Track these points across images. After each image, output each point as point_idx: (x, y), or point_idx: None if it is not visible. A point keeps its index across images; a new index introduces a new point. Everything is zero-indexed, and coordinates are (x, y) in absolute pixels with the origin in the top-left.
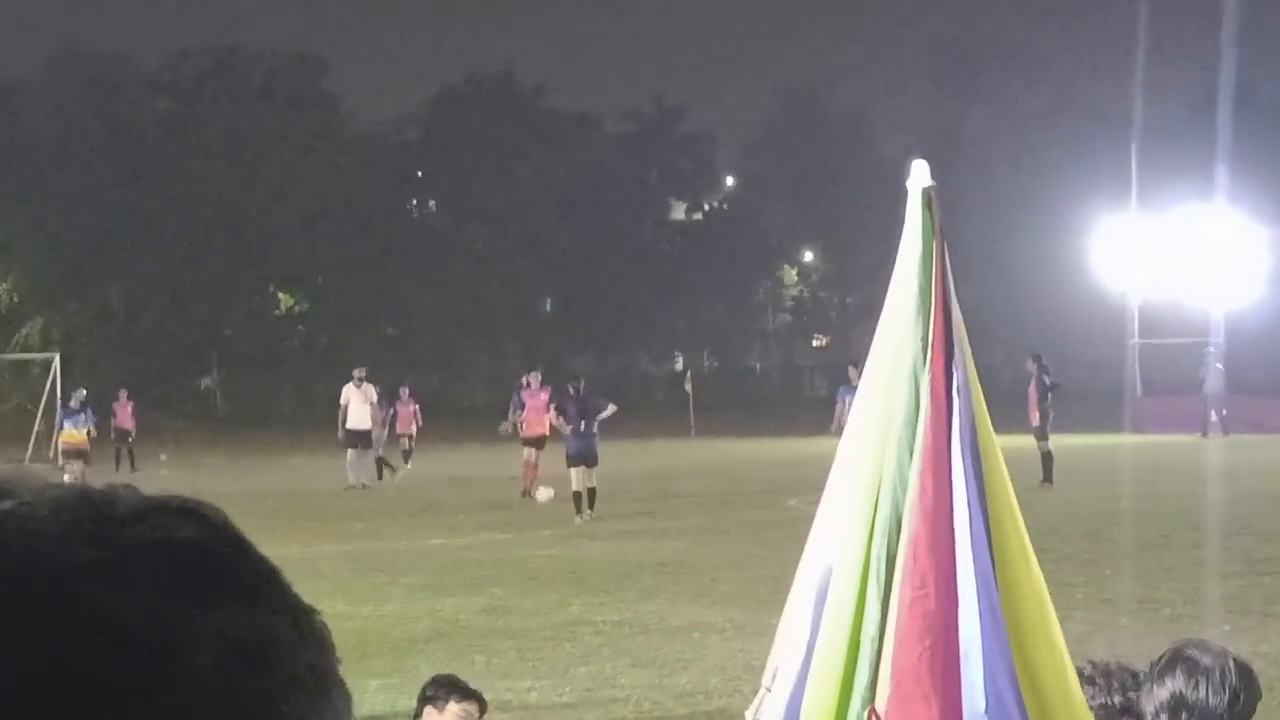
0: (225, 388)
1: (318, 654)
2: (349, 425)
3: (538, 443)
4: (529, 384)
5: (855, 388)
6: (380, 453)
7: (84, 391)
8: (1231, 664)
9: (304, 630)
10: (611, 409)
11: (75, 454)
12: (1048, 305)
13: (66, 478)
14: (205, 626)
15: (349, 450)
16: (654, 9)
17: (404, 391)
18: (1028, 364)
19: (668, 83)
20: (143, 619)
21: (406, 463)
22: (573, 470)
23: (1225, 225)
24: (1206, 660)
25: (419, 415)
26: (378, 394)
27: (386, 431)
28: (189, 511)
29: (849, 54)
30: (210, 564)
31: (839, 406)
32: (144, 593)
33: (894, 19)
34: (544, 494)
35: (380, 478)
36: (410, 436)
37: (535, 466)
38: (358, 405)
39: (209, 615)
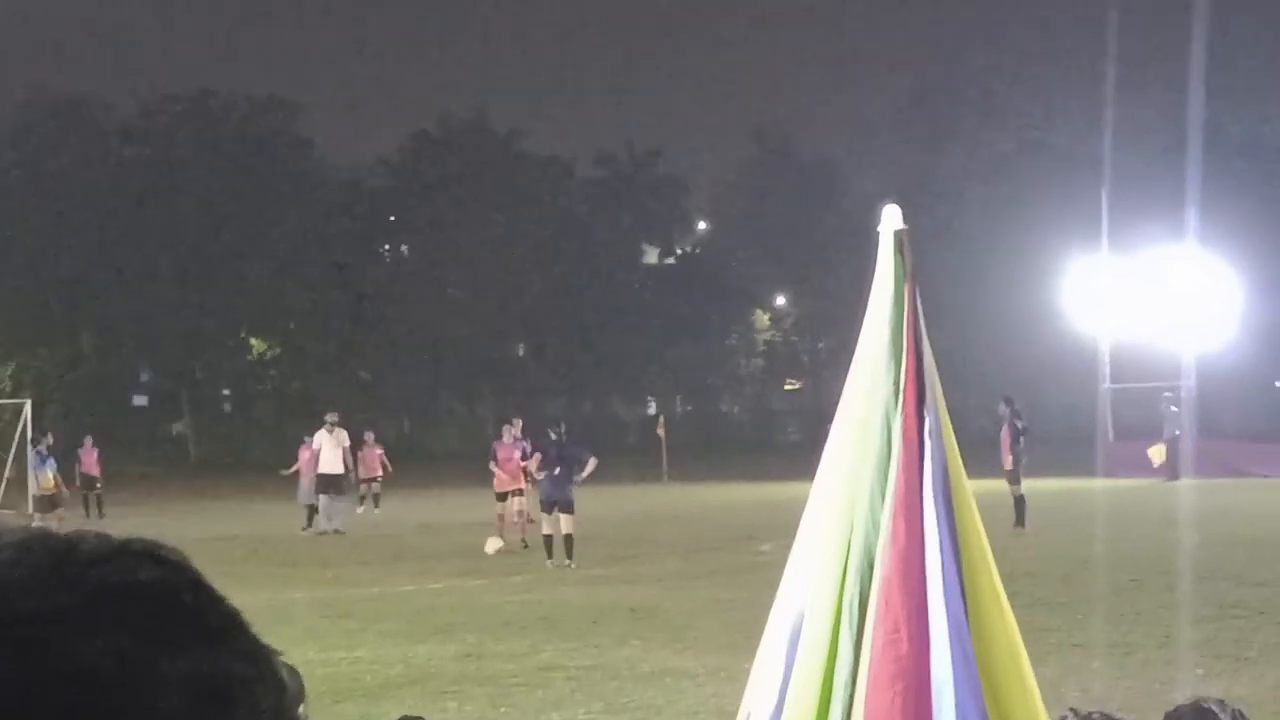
0: (197, 433)
1: (279, 696)
2: (321, 470)
3: (510, 495)
4: (503, 435)
5: None
6: (313, 500)
7: (49, 437)
8: None
9: (267, 672)
10: (593, 465)
11: (46, 501)
12: (1020, 349)
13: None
14: (172, 670)
15: (321, 496)
16: (627, 53)
17: (369, 436)
18: (999, 407)
19: (641, 127)
20: (109, 663)
21: (376, 506)
22: (545, 515)
23: (1196, 268)
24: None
25: (385, 459)
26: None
27: (354, 476)
28: (150, 554)
29: (821, 98)
30: (174, 607)
31: None
32: (109, 637)
33: (865, 63)
34: (492, 545)
35: (309, 525)
36: (376, 480)
37: (522, 513)
38: (330, 450)
39: (175, 658)
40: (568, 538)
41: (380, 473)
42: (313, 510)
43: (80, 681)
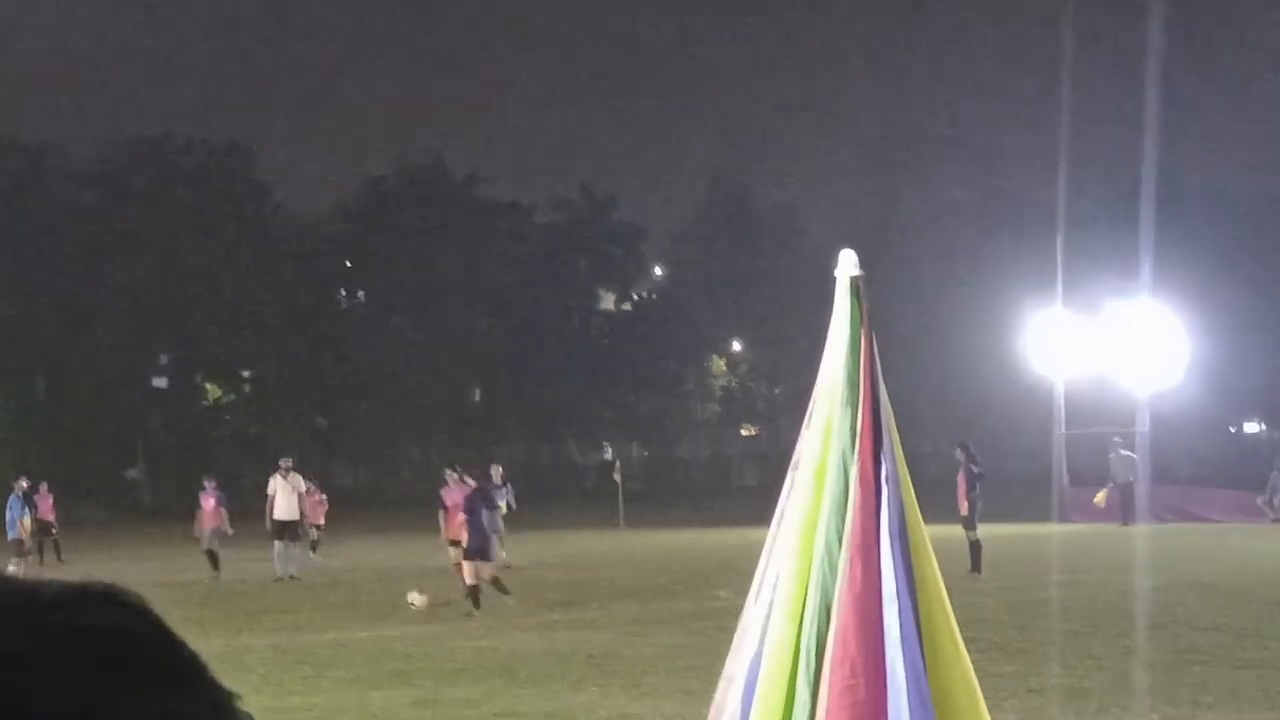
0: (151, 479)
1: None
2: (276, 516)
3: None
4: (448, 482)
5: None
6: (214, 546)
7: (24, 483)
8: None
9: (228, 716)
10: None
11: (20, 546)
12: (976, 394)
13: (11, 569)
14: (134, 714)
15: (275, 542)
16: (584, 98)
17: (311, 484)
18: (956, 453)
19: (598, 173)
20: (72, 708)
21: (314, 552)
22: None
23: (1150, 314)
24: None
25: (325, 504)
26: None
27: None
28: (110, 598)
29: (778, 145)
30: (134, 650)
31: None
32: (72, 681)
33: (822, 111)
34: (418, 600)
35: (216, 569)
36: (318, 526)
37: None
38: (285, 496)
39: (137, 702)
40: (495, 579)
41: (321, 519)
42: (213, 556)
43: None
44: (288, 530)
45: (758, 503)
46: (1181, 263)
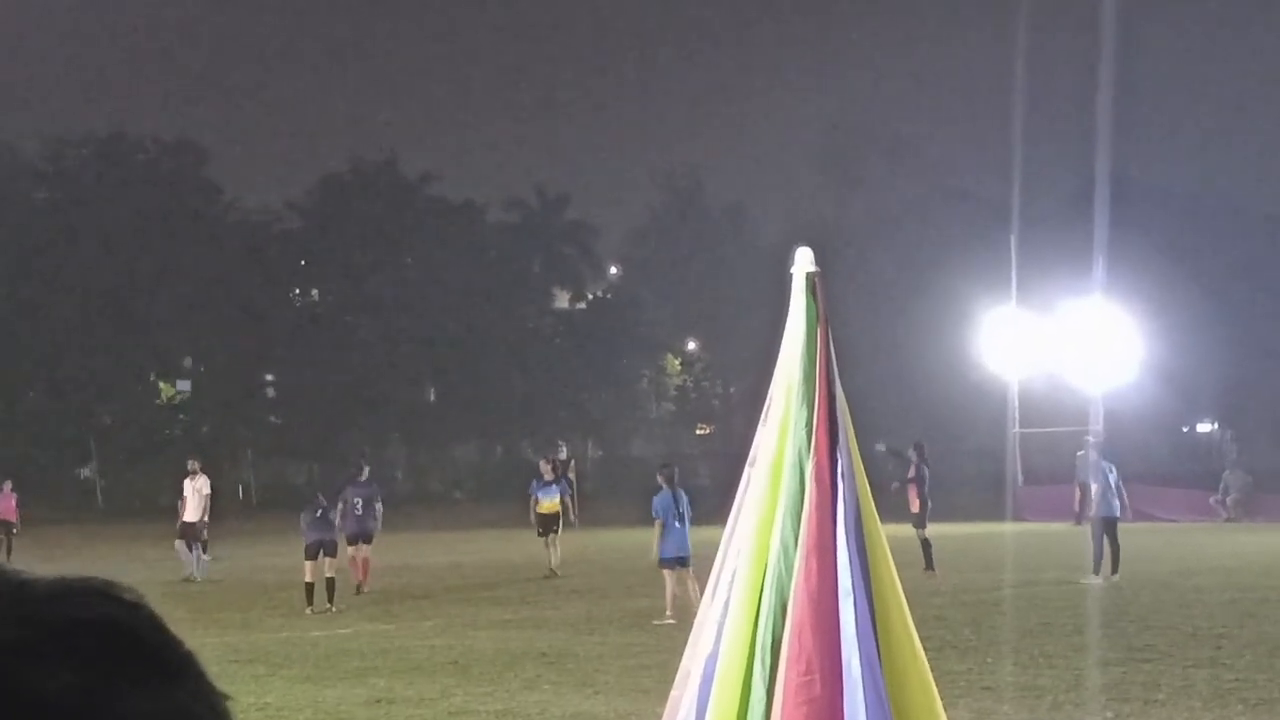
0: (105, 477)
1: None
2: (184, 518)
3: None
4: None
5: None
6: (203, 536)
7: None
8: None
9: (218, 713)
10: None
11: None
12: (930, 392)
13: None
14: (129, 707)
15: (177, 541)
16: (538, 98)
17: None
18: (909, 452)
19: (552, 172)
20: (69, 698)
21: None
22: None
23: (1103, 313)
24: None
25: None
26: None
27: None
28: (106, 592)
29: (731, 143)
30: (132, 643)
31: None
32: (68, 672)
33: (775, 109)
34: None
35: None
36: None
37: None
38: (192, 498)
39: (131, 695)
40: (330, 581)
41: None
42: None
43: (39, 715)
44: (188, 530)
45: (712, 501)
46: (1135, 263)
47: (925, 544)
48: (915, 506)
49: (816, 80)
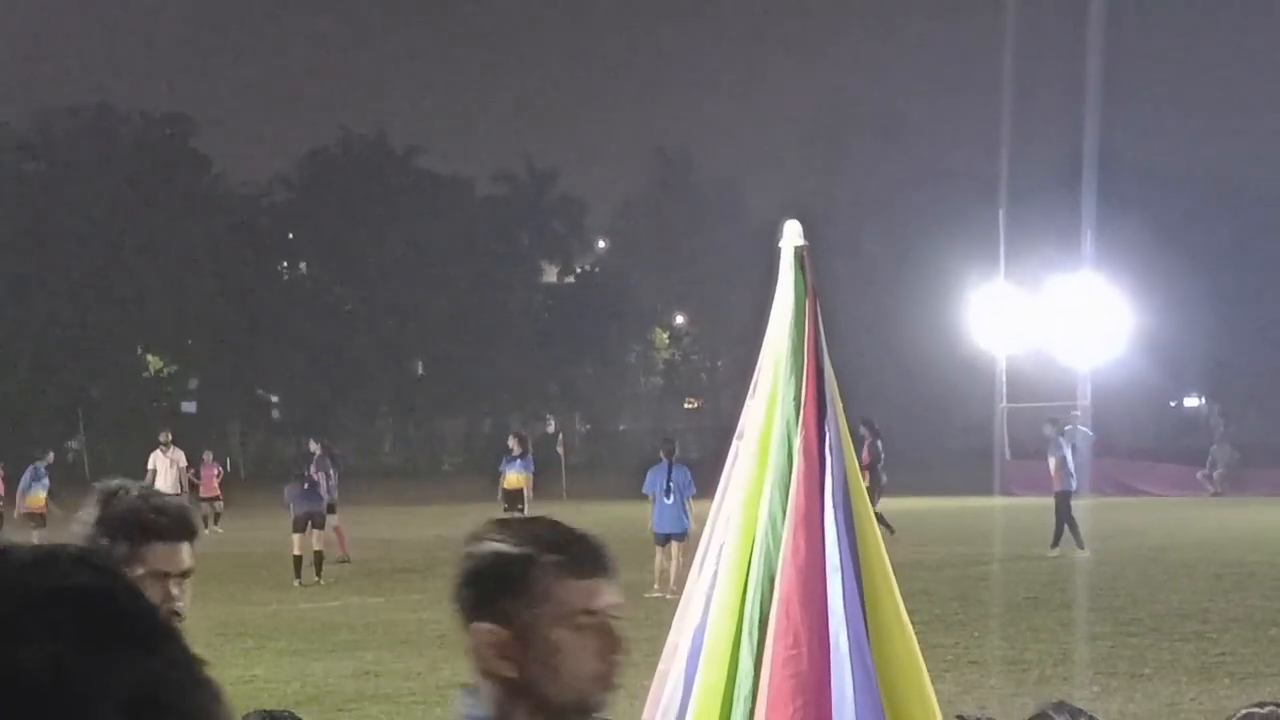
0: (92, 451)
1: (212, 704)
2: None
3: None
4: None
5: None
6: (219, 509)
7: (50, 455)
8: None
9: (198, 680)
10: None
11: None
12: (918, 368)
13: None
14: (107, 676)
15: None
16: (527, 71)
17: (207, 455)
18: (859, 429)
19: (541, 146)
20: (46, 668)
21: (216, 525)
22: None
23: (1091, 288)
24: None
25: (221, 477)
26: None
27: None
28: (83, 560)
29: (720, 118)
30: (110, 612)
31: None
32: (45, 642)
33: (765, 84)
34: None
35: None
36: (217, 499)
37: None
38: (165, 471)
39: (111, 664)
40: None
41: (218, 492)
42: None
43: (15, 685)
44: None
45: (700, 475)
46: (1123, 238)
47: (878, 518)
48: (866, 480)
49: (806, 56)
